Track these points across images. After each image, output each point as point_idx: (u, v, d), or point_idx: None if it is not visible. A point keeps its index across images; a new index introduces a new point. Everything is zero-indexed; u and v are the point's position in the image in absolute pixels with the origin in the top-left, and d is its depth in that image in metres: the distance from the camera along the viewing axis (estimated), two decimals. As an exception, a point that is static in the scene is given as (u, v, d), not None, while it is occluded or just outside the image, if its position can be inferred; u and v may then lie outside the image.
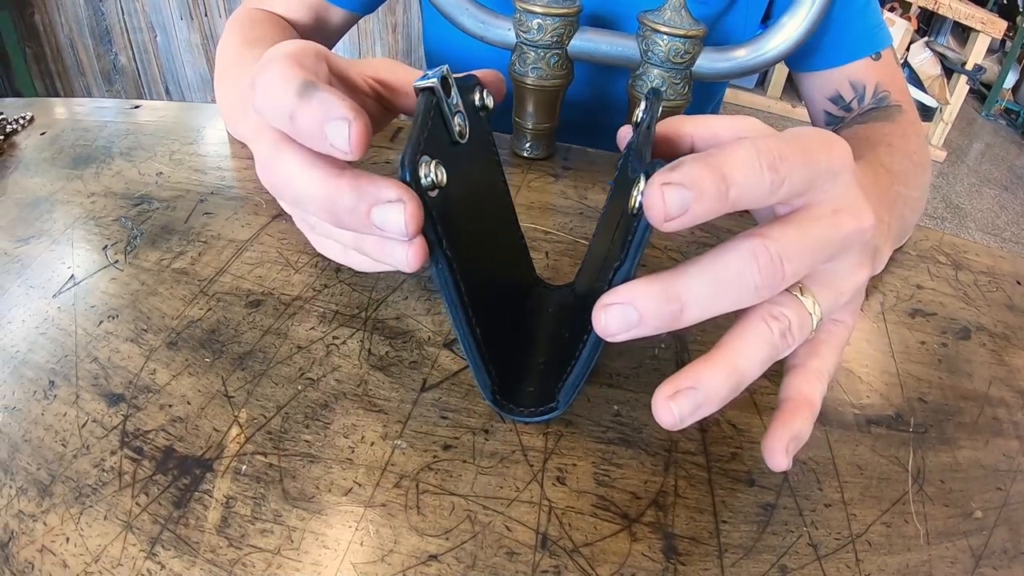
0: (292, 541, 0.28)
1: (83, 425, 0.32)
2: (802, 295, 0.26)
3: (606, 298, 0.24)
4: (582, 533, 0.28)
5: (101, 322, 0.37)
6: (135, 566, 0.27)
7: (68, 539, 0.28)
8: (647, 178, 0.23)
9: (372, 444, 0.31)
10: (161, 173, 0.50)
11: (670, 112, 0.49)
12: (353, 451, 0.31)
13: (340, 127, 0.24)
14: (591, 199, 0.49)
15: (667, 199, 0.21)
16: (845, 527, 0.30)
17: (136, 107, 0.61)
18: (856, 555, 0.29)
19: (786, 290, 0.25)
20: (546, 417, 0.31)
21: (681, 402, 0.23)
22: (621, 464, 0.31)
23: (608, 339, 0.24)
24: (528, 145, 0.52)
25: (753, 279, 0.23)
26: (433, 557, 0.27)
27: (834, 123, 0.59)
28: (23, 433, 0.31)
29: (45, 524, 0.28)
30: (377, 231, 0.25)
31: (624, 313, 0.23)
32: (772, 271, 0.23)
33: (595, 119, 0.67)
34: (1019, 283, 0.49)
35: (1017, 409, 0.39)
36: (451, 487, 0.30)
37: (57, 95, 1.66)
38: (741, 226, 0.48)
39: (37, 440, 0.31)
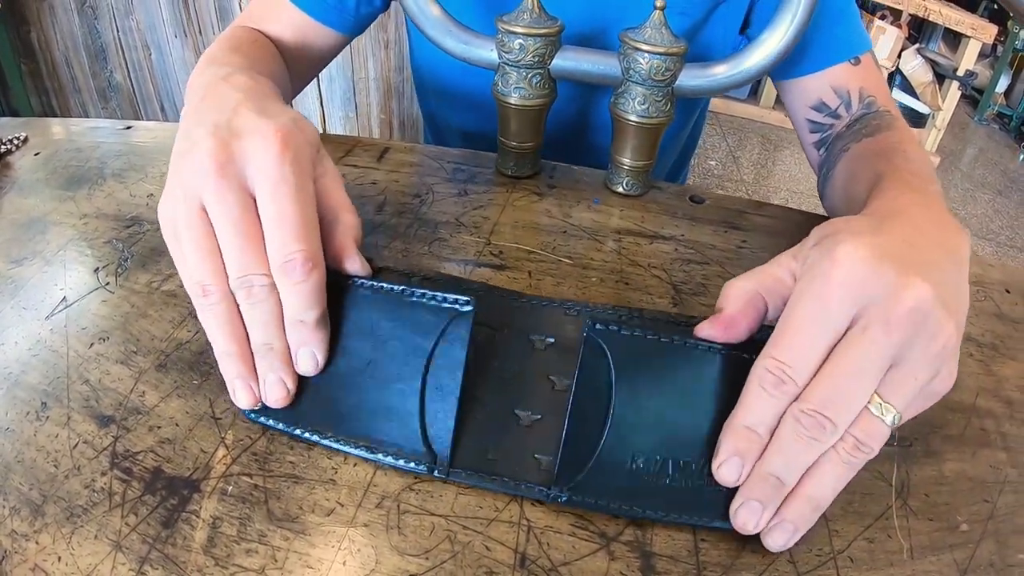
0: (276, 560, 0.28)
1: (74, 446, 0.33)
2: (869, 403, 0.28)
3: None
4: (560, 552, 0.29)
5: (92, 344, 0.38)
6: (124, 585, 0.28)
7: (60, 558, 0.28)
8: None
9: (355, 465, 0.32)
10: (152, 195, 0.51)
11: (654, 129, 0.49)
12: (336, 472, 0.32)
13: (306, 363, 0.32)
14: (575, 217, 0.50)
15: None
16: (827, 543, 0.31)
17: (128, 127, 0.62)
18: (837, 571, 0.30)
19: None
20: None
21: (776, 535, 0.29)
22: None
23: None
24: (512, 164, 0.53)
25: (807, 442, 0.27)
26: (413, 576, 0.28)
27: (820, 131, 0.59)
28: (16, 454, 0.32)
29: (37, 543, 0.29)
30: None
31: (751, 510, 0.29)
32: (818, 426, 0.27)
33: (580, 137, 0.68)
34: (1008, 291, 0.50)
35: (1005, 420, 0.39)
36: (431, 507, 0.30)
37: (53, 112, 1.67)
38: (725, 241, 0.49)
39: (30, 461, 0.32)
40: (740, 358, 0.30)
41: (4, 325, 0.39)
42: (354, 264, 0.34)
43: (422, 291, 0.32)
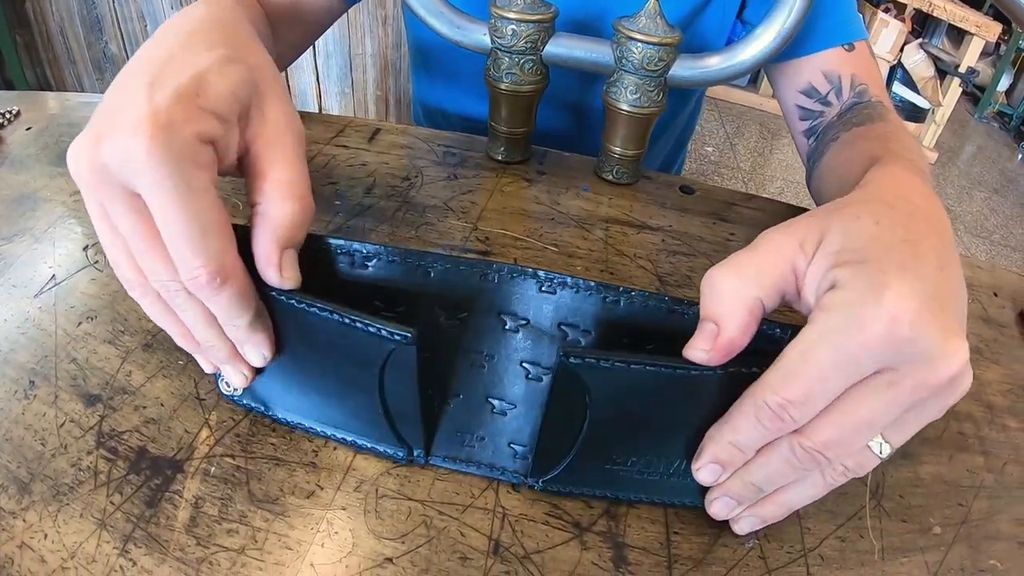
0: (256, 541, 0.29)
1: (61, 425, 0.33)
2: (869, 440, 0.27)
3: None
4: (534, 540, 0.30)
5: (80, 323, 0.38)
6: (108, 563, 0.28)
7: (46, 535, 0.29)
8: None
9: (335, 448, 0.33)
10: (144, 173, 0.51)
11: (646, 119, 0.50)
12: (316, 455, 0.32)
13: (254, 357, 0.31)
14: (563, 204, 0.50)
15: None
16: (798, 540, 0.32)
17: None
18: (808, 569, 0.30)
19: None
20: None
21: (744, 524, 0.30)
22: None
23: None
24: (503, 149, 0.53)
25: (796, 471, 0.27)
26: (389, 560, 0.29)
27: (810, 118, 0.57)
28: (4, 432, 0.33)
29: (24, 521, 0.29)
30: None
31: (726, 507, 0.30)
32: (813, 462, 0.27)
33: (572, 124, 0.67)
34: (996, 295, 0.50)
35: (984, 424, 0.39)
36: (409, 492, 0.31)
37: (48, 84, 1.65)
38: (713, 233, 0.50)
39: (18, 439, 0.32)
40: (727, 373, 0.28)
41: (-7, 302, 0.39)
42: (272, 275, 0.29)
43: (358, 320, 0.28)
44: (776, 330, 0.29)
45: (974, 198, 2.67)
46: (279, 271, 0.29)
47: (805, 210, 0.53)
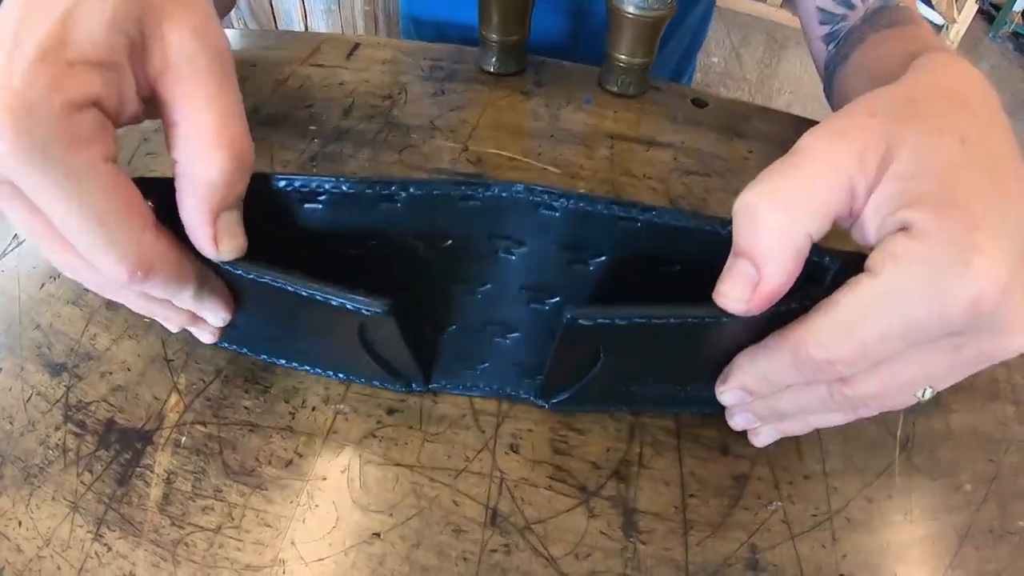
0: (233, 519, 0.27)
1: (28, 399, 0.31)
2: None
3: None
4: (535, 508, 0.27)
5: (43, 284, 0.35)
6: (83, 548, 0.26)
7: (20, 523, 0.27)
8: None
9: (313, 409, 0.30)
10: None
11: (653, 23, 0.43)
12: (294, 417, 0.29)
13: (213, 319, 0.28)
14: (564, 120, 0.44)
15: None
16: (824, 501, 0.28)
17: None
18: (833, 533, 0.27)
19: None
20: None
21: (763, 437, 0.28)
22: (581, 429, 0.29)
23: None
24: (495, 60, 0.47)
25: (831, 410, 0.25)
26: (376, 535, 0.26)
27: (832, 22, 0.50)
28: (-31, 412, 0.30)
29: (-3, 508, 0.28)
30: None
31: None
32: (851, 408, 0.24)
33: (570, 30, 0.60)
34: None
35: (1017, 370, 0.35)
36: (396, 457, 0.28)
37: None
38: (729, 150, 0.44)
39: (-16, 419, 0.30)
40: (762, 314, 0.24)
41: (-46, 267, 0.37)
42: (207, 249, 0.24)
43: (319, 293, 0.24)
44: (825, 259, 0.24)
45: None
46: (214, 244, 0.23)
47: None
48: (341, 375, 0.31)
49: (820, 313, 0.22)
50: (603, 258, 0.27)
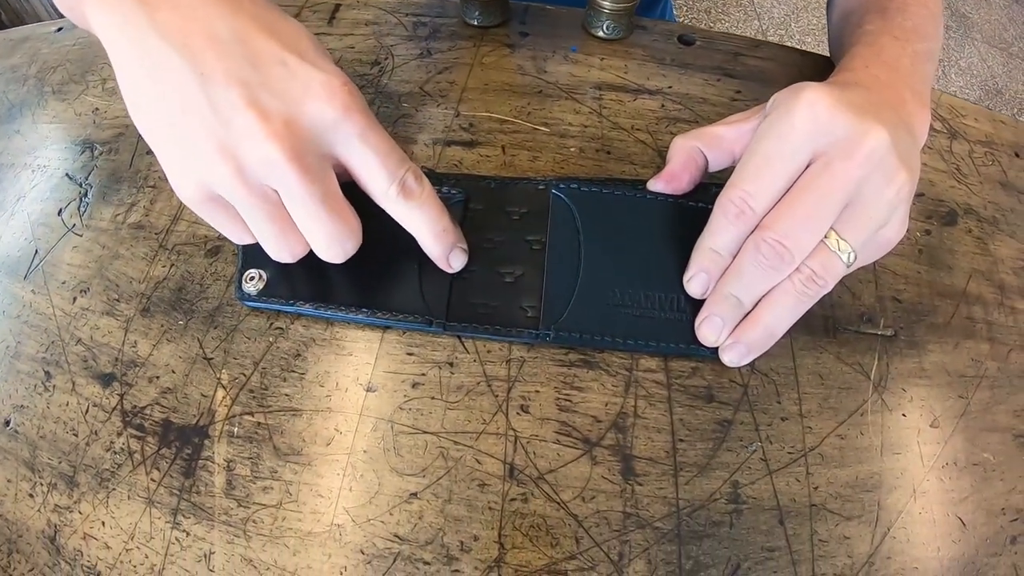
0: (291, 494, 0.31)
1: (86, 412, 0.34)
2: (826, 238, 0.29)
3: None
4: (546, 460, 0.30)
5: (75, 299, 0.38)
6: (165, 537, 0.31)
7: (104, 523, 0.31)
8: None
9: (346, 390, 0.33)
10: (97, 109, 0.48)
11: None
12: (330, 399, 0.33)
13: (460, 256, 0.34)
14: (551, 72, 0.44)
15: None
16: (799, 440, 0.32)
17: (59, 29, 0.56)
18: (807, 468, 0.31)
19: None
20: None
21: (731, 353, 0.31)
22: (582, 387, 0.32)
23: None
24: (478, 13, 0.46)
25: (764, 270, 0.29)
26: (414, 495, 0.30)
27: None
28: (37, 430, 0.34)
29: (80, 513, 0.32)
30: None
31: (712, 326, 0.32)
32: (776, 255, 0.28)
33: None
34: (1017, 155, 0.44)
35: (993, 307, 0.37)
36: (423, 425, 0.32)
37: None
38: (717, 92, 0.44)
39: (51, 434, 0.34)
40: (688, 206, 0.34)
41: (-11, 288, 0.39)
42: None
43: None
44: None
45: (992, 4, 2.30)
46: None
47: (816, 55, 0.46)
48: (379, 315, 0.33)
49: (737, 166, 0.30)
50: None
